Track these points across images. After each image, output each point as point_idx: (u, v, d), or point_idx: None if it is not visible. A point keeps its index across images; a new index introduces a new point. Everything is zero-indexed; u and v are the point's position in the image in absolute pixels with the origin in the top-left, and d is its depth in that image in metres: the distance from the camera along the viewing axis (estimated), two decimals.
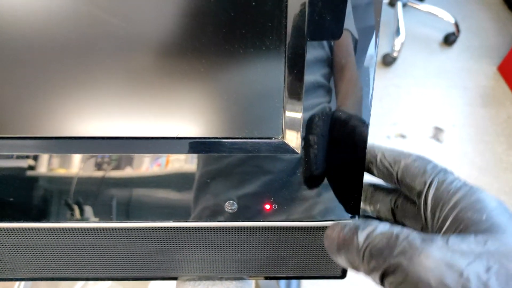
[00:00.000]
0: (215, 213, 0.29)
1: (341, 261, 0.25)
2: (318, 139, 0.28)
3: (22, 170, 0.29)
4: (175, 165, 0.29)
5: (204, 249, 0.32)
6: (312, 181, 0.29)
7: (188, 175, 0.29)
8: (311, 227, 0.30)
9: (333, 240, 0.25)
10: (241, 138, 0.28)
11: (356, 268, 0.24)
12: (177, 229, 0.31)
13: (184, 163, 0.29)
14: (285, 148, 0.28)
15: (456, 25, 1.73)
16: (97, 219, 0.30)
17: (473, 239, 0.20)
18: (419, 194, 0.26)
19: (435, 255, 0.19)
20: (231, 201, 0.29)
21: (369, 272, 0.23)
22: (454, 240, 0.20)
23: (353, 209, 0.29)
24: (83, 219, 0.30)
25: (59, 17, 0.25)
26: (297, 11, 0.25)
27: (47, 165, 0.29)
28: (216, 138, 0.28)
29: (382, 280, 0.22)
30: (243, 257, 0.32)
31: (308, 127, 0.28)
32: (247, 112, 0.28)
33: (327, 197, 0.29)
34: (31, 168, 0.29)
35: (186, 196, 0.29)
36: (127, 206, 0.30)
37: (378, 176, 0.30)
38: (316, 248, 0.32)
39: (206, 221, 0.30)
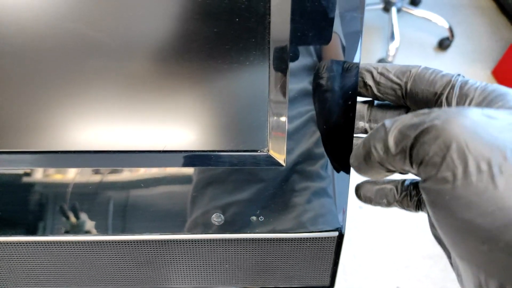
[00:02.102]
0: (202, 226, 0.30)
1: (368, 165, 0.23)
2: (303, 151, 0.28)
3: (13, 183, 0.29)
4: (160, 177, 0.29)
5: (193, 260, 0.32)
6: (297, 194, 0.29)
7: (175, 189, 0.29)
8: (297, 238, 0.31)
9: (359, 145, 0.23)
10: (227, 151, 0.28)
11: (382, 161, 0.22)
12: (166, 242, 0.31)
13: (169, 176, 0.29)
14: (271, 160, 0.28)
15: (450, 30, 1.74)
16: (86, 233, 0.30)
17: (507, 111, 0.20)
18: (438, 98, 0.25)
19: (472, 116, 0.18)
20: (217, 213, 0.29)
21: (396, 152, 0.20)
22: (488, 109, 0.19)
23: (339, 220, 0.30)
24: (72, 232, 0.30)
25: (49, 34, 0.26)
26: (280, 28, 0.25)
27: (41, 178, 0.29)
28: (202, 151, 0.28)
29: (411, 153, 0.20)
30: (231, 268, 0.33)
31: (294, 139, 0.28)
32: (233, 126, 0.28)
33: (312, 208, 0.29)
34: (20, 180, 0.29)
35: (173, 209, 0.29)
36: (116, 220, 0.30)
37: (376, 93, 0.28)
38: (304, 258, 0.32)
39: (194, 233, 0.30)
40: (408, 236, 1.19)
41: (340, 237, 0.30)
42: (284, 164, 0.28)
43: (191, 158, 0.29)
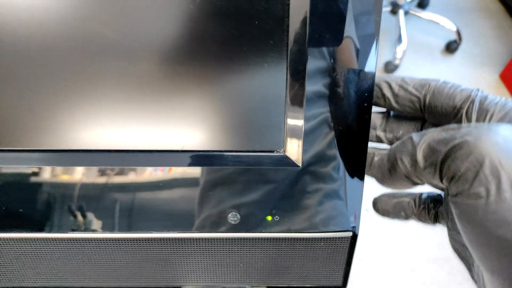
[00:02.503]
0: (218, 224, 0.30)
1: (392, 178, 0.23)
2: (319, 152, 0.29)
3: (25, 181, 0.30)
4: (178, 176, 0.29)
5: (208, 258, 0.33)
6: (312, 194, 0.29)
7: (191, 187, 0.29)
8: (312, 238, 0.31)
9: (383, 157, 0.24)
10: (243, 151, 0.29)
11: (409, 174, 0.22)
12: (181, 240, 0.31)
13: (187, 175, 0.29)
14: (287, 161, 0.29)
15: (458, 33, 1.74)
16: (101, 230, 0.31)
17: None
18: (457, 112, 0.25)
19: (503, 133, 0.18)
20: (233, 212, 0.30)
21: (425, 166, 0.21)
22: None
23: (353, 220, 0.30)
24: (88, 229, 0.31)
25: (63, 34, 0.26)
26: (298, 30, 0.26)
27: (50, 176, 0.30)
28: (220, 151, 0.29)
29: (441, 168, 0.20)
30: (245, 267, 0.33)
31: (309, 140, 0.28)
32: (250, 126, 0.29)
33: (326, 208, 0.30)
34: (34, 178, 0.30)
35: (190, 207, 0.30)
36: (132, 217, 0.30)
37: (394, 105, 0.28)
38: (317, 258, 0.32)
39: (209, 231, 0.30)
40: (414, 239, 1.19)
41: (354, 237, 0.31)
42: (300, 165, 0.29)
43: (208, 157, 0.29)
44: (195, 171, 0.29)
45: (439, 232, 1.13)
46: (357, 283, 1.12)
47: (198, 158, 0.29)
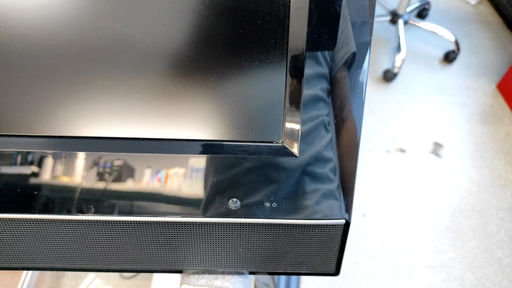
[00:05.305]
0: (219, 210, 0.32)
1: None
2: (315, 144, 0.31)
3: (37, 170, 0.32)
4: (183, 166, 0.31)
5: (208, 244, 0.34)
6: (308, 184, 0.31)
7: (197, 175, 0.31)
8: (307, 225, 0.33)
9: None
10: (245, 142, 0.31)
11: None
12: (183, 224, 0.33)
13: (192, 164, 0.31)
14: (285, 151, 0.31)
15: (456, 43, 1.77)
16: (106, 213, 0.32)
17: None
18: None
19: None
20: (234, 199, 0.32)
21: None
22: None
23: (346, 209, 0.32)
24: (93, 212, 0.32)
25: (85, 29, 0.29)
26: (298, 30, 0.28)
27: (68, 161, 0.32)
28: (223, 141, 0.31)
29: None
30: (243, 253, 0.35)
31: (305, 133, 0.30)
32: (252, 119, 0.31)
33: (321, 197, 0.32)
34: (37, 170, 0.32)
35: (192, 194, 0.32)
36: (136, 201, 0.32)
37: None
38: (311, 246, 0.34)
39: (211, 217, 0.32)
40: (410, 245, 1.20)
41: (347, 225, 0.33)
42: (297, 155, 0.31)
43: (214, 146, 0.31)
44: (199, 160, 0.31)
45: (436, 238, 1.14)
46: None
47: (204, 146, 0.31)
